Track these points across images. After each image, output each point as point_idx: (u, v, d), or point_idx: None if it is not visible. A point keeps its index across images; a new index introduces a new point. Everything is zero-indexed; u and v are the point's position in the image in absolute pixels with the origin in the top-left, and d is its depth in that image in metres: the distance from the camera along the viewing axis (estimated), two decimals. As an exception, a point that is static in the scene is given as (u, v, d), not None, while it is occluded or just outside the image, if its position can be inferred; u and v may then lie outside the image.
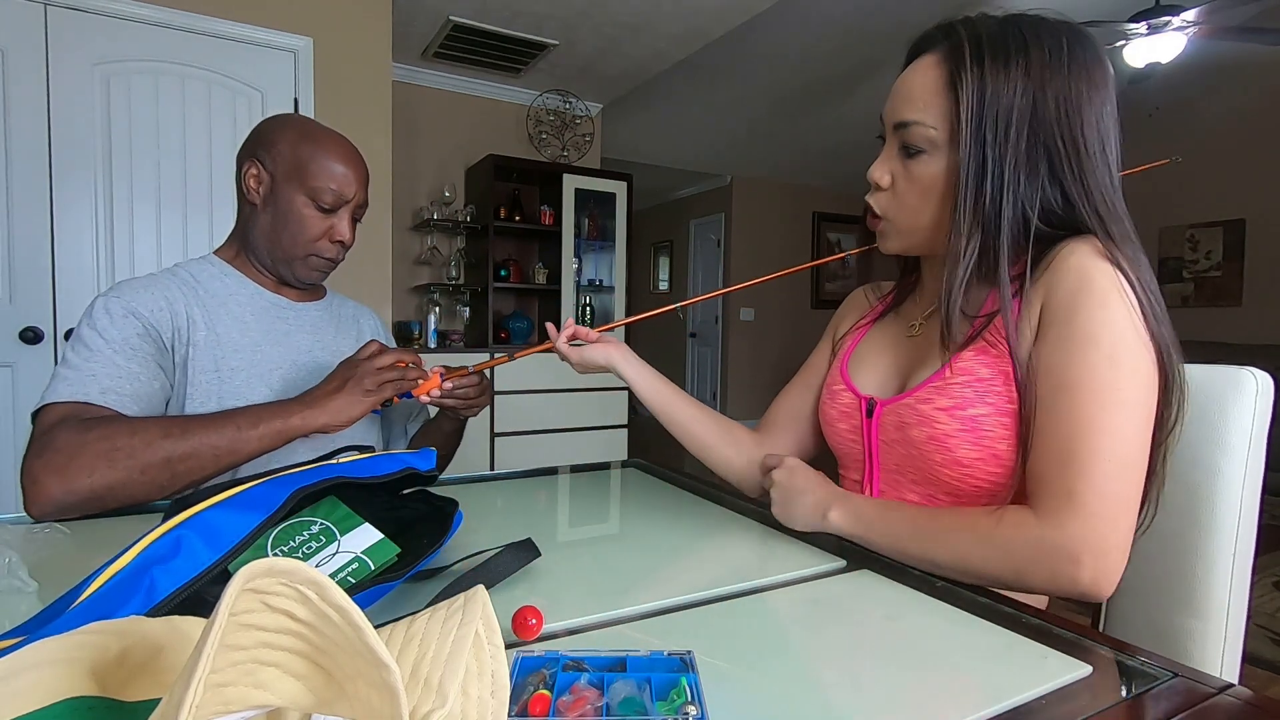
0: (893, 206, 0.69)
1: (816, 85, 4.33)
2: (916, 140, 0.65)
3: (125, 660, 0.30)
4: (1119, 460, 0.56)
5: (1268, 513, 3.54)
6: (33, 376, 2.12)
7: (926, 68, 0.65)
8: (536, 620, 0.48)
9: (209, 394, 0.92)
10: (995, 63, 0.61)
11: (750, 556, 0.70)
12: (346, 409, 0.84)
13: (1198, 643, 0.68)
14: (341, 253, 1.02)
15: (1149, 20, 2.89)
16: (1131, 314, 0.58)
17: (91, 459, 0.74)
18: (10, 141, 2.06)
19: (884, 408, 0.73)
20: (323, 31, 2.50)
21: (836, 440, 0.81)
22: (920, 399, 0.68)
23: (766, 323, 6.45)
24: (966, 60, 0.61)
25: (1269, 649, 2.07)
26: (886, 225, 0.71)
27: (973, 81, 0.61)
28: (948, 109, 0.63)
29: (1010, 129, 0.61)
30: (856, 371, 0.80)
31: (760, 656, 0.47)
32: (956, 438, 0.65)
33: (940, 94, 0.63)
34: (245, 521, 0.48)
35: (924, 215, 0.68)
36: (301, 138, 0.96)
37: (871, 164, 0.70)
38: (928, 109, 0.64)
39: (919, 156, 0.66)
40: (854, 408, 0.77)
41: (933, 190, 0.66)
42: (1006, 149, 0.61)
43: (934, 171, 0.65)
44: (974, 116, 0.61)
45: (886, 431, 0.73)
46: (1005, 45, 0.61)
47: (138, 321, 0.89)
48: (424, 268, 3.87)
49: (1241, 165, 4.55)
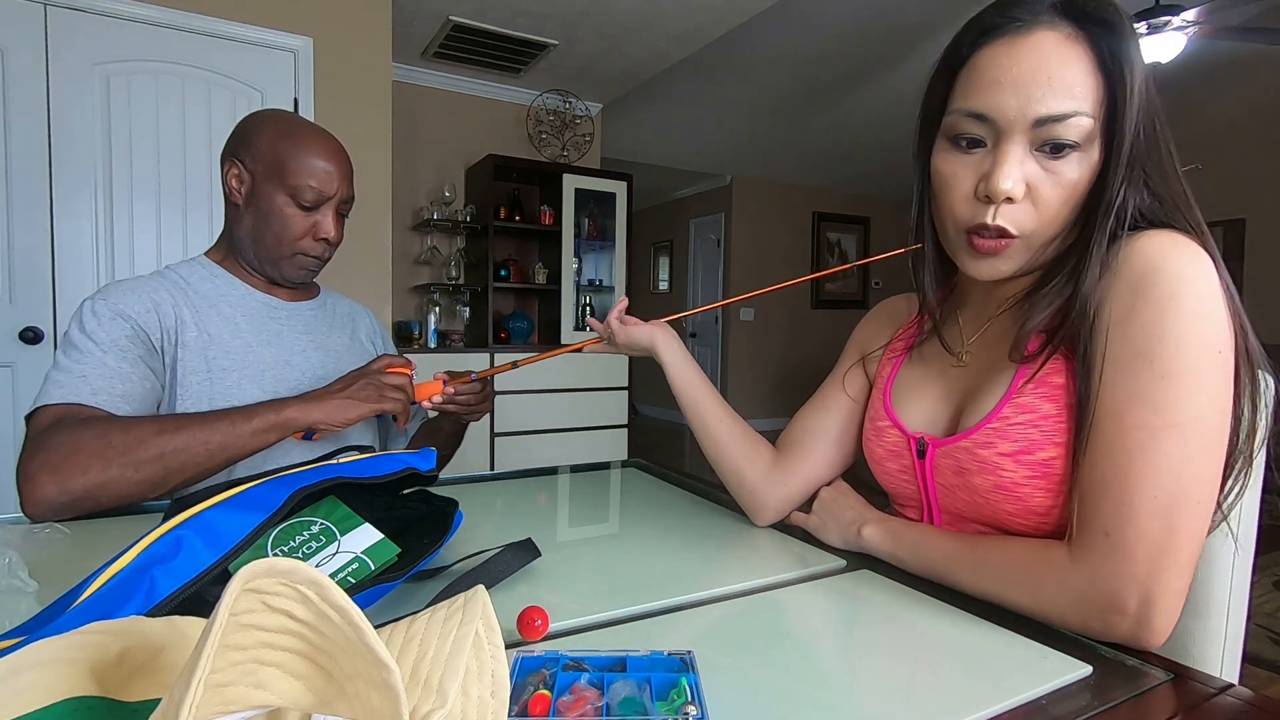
0: (1031, 220, 0.56)
1: (817, 85, 4.32)
2: (1072, 134, 0.53)
3: (125, 660, 0.30)
4: (1166, 495, 0.49)
5: (1268, 513, 3.52)
6: (33, 376, 2.12)
7: (1057, 47, 0.53)
8: (542, 620, 0.48)
9: (200, 395, 0.92)
10: (1124, 33, 0.53)
11: (751, 556, 0.70)
12: (343, 410, 0.84)
13: (1198, 643, 0.68)
14: (329, 250, 1.01)
15: (1149, 20, 2.89)
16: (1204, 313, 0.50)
17: (86, 457, 0.74)
18: (10, 141, 2.06)
19: (936, 449, 0.65)
20: (323, 31, 2.50)
21: (887, 480, 0.73)
22: (979, 443, 0.60)
23: (766, 323, 6.45)
24: (1121, 30, 0.52)
25: (1269, 649, 2.07)
26: (1019, 243, 0.57)
27: (1127, 56, 0.52)
28: (1100, 94, 0.53)
29: (1148, 113, 0.54)
30: (900, 404, 0.71)
31: (760, 656, 0.47)
32: (1027, 485, 0.57)
33: (1091, 75, 0.53)
34: (245, 522, 0.48)
35: (1059, 225, 0.57)
36: (280, 135, 0.94)
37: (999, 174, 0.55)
38: (1084, 95, 0.53)
39: (1068, 155, 0.54)
40: (903, 447, 0.69)
41: (1075, 193, 0.56)
42: (1152, 136, 0.54)
43: (1084, 170, 0.55)
44: (1136, 100, 0.52)
45: (944, 475, 0.65)
46: (1117, 8, 0.53)
47: (126, 323, 0.89)
48: (424, 268, 3.86)
49: (1241, 165, 4.55)
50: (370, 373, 0.88)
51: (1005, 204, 0.56)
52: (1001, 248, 0.58)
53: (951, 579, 0.60)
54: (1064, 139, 0.54)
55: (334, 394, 0.85)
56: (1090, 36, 0.53)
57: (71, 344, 0.86)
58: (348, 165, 0.99)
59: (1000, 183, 0.55)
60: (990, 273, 0.60)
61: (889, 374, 0.75)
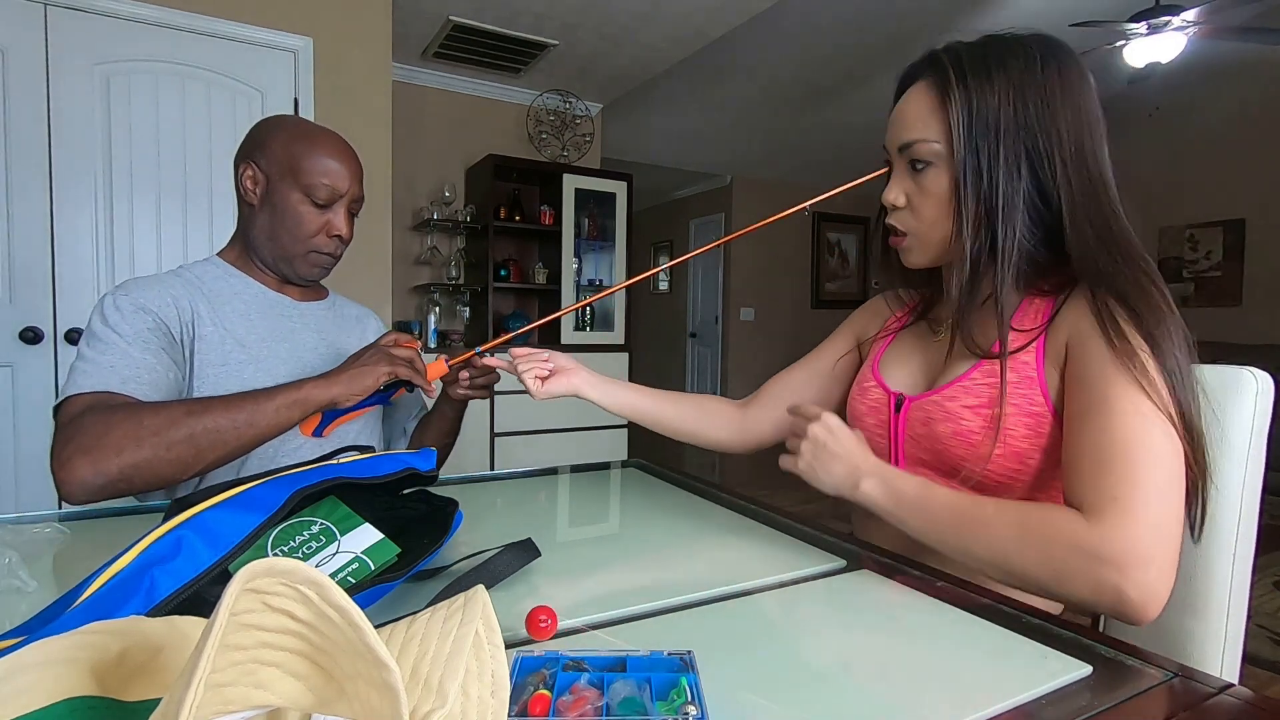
0: (912, 222, 0.74)
1: (817, 85, 4.32)
2: (922, 155, 0.71)
3: (125, 660, 0.30)
4: (1165, 476, 0.56)
5: (1268, 513, 3.53)
6: (33, 376, 2.11)
7: (918, 94, 0.72)
8: (549, 620, 0.48)
9: (215, 388, 0.93)
10: (977, 78, 0.68)
11: (751, 556, 0.70)
12: (359, 379, 0.87)
13: (1198, 643, 0.68)
14: (340, 247, 1.04)
15: (1149, 20, 2.89)
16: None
17: (119, 439, 0.76)
18: (10, 141, 2.06)
19: (911, 403, 0.77)
20: (323, 31, 2.50)
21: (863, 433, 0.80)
22: (947, 396, 0.72)
23: (766, 323, 6.45)
24: (952, 80, 0.68)
25: (1269, 649, 2.07)
26: (911, 241, 0.75)
27: (960, 97, 0.68)
28: (943, 125, 0.69)
29: (1000, 134, 0.67)
30: (887, 371, 0.84)
31: (760, 656, 0.47)
32: (980, 434, 0.68)
33: (934, 112, 0.70)
34: (245, 522, 0.48)
35: (941, 226, 0.72)
36: (294, 137, 0.98)
37: (883, 190, 0.76)
38: (928, 126, 0.70)
39: (926, 170, 0.71)
40: (883, 403, 0.81)
41: (944, 200, 0.71)
42: (998, 153, 0.67)
43: (942, 182, 0.70)
44: (965, 127, 0.67)
45: (913, 426, 0.76)
46: (984, 62, 0.68)
47: (148, 316, 0.91)
48: (424, 268, 3.86)
49: (1241, 165, 4.55)
50: (378, 345, 0.92)
51: (894, 211, 0.75)
52: (900, 243, 0.76)
53: (956, 539, 0.62)
54: (918, 158, 0.71)
55: (346, 369, 0.88)
56: (940, 84, 0.69)
57: (95, 337, 0.88)
58: (358, 166, 1.03)
59: (885, 195, 0.76)
60: (905, 260, 0.77)
61: (879, 350, 0.88)
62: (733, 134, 5.20)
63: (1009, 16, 3.95)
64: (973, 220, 0.69)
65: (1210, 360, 0.70)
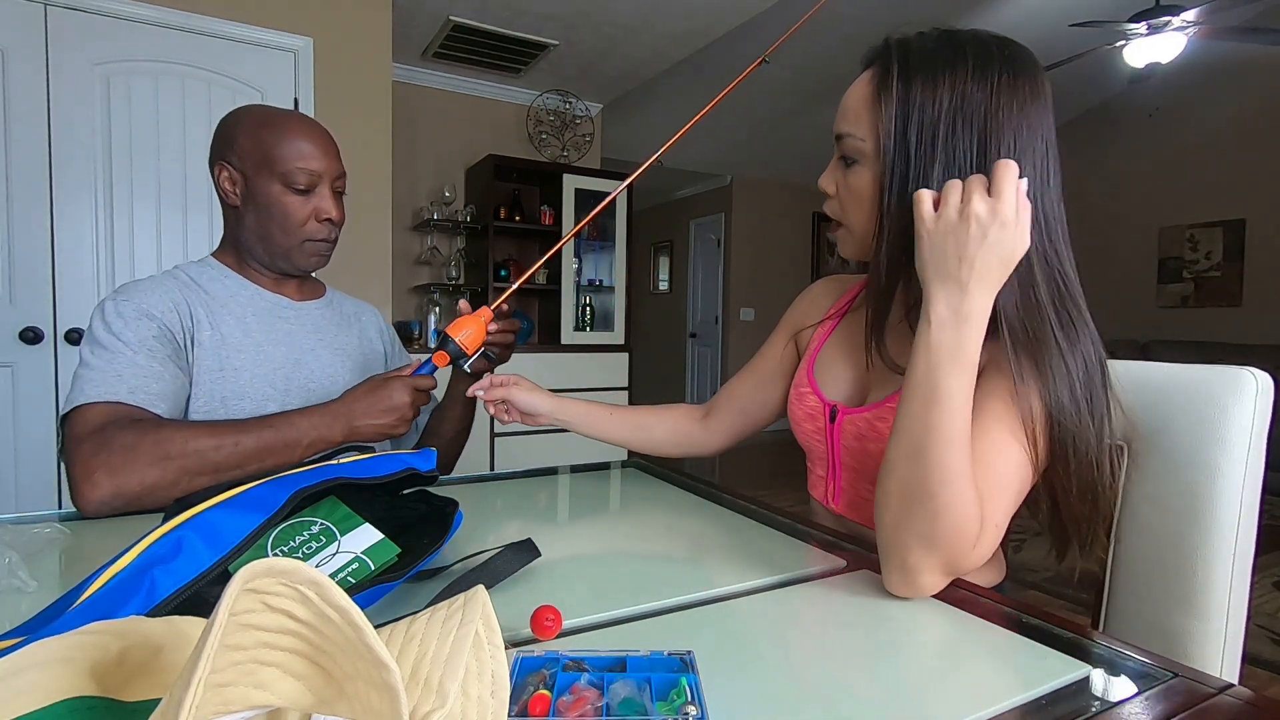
0: (841, 213, 0.72)
1: (817, 85, 4.33)
2: (850, 151, 0.67)
3: (125, 660, 0.30)
4: (1013, 499, 0.60)
5: (1268, 513, 3.53)
6: (33, 376, 2.12)
7: (861, 83, 0.67)
8: (554, 620, 0.48)
9: (212, 393, 0.92)
10: (918, 78, 0.62)
11: (750, 556, 0.70)
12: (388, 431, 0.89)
13: (1198, 643, 0.68)
14: (334, 230, 1.01)
15: (1149, 20, 2.89)
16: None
17: (145, 465, 0.76)
18: (10, 141, 2.06)
19: (845, 417, 0.77)
20: (323, 31, 2.50)
21: (803, 437, 0.84)
22: (878, 417, 0.73)
23: (767, 323, 6.45)
24: (891, 78, 0.63)
25: (1269, 649, 2.07)
26: (843, 231, 0.73)
27: (894, 97, 0.63)
28: (874, 123, 0.65)
29: (935, 141, 0.61)
30: (822, 374, 0.83)
31: (760, 656, 0.47)
32: None
33: (868, 108, 0.65)
34: (246, 522, 0.48)
35: (866, 226, 0.69)
36: (259, 126, 0.95)
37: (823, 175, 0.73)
38: (859, 122, 0.66)
39: (854, 167, 0.68)
40: (818, 411, 0.81)
41: (867, 201, 0.67)
42: (931, 161, 0.61)
43: (866, 181, 0.67)
44: (894, 130, 0.63)
45: (847, 439, 0.77)
46: (932, 62, 0.62)
47: (153, 323, 0.89)
48: (424, 268, 3.86)
49: (1241, 165, 4.55)
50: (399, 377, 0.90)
51: (828, 198, 0.73)
52: (834, 230, 0.75)
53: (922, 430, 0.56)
54: (847, 154, 0.68)
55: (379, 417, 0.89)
56: (880, 78, 0.65)
57: (99, 343, 0.86)
58: (331, 143, 0.99)
59: (819, 180, 0.72)
60: (841, 250, 0.75)
61: (815, 348, 0.86)
62: (733, 134, 5.20)
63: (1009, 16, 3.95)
64: (893, 229, 0.64)
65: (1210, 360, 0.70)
